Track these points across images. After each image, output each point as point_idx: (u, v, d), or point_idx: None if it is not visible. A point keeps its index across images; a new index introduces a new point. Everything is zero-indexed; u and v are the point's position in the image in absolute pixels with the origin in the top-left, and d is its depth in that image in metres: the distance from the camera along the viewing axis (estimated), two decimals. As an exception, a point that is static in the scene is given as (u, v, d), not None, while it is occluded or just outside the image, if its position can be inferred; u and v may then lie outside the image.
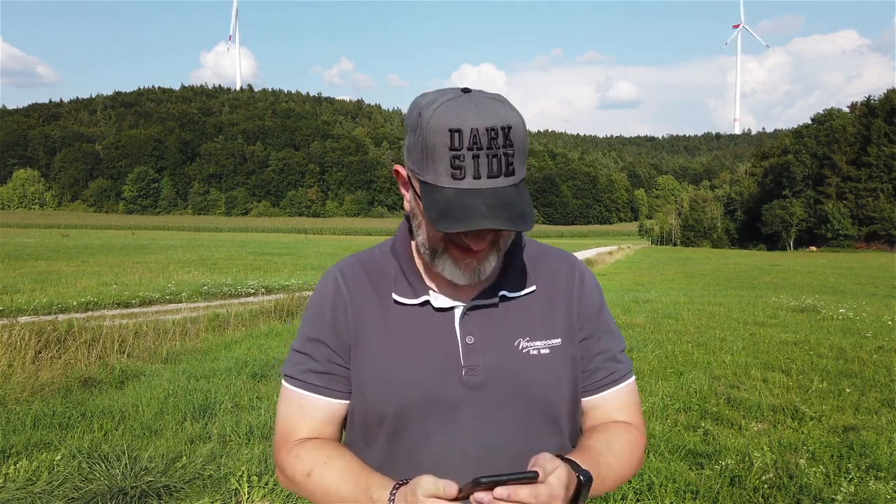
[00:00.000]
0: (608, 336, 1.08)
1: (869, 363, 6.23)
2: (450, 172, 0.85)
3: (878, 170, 66.20)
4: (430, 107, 0.87)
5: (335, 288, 1.03)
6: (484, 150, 0.84)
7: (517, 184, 0.88)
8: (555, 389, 0.99)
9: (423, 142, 0.86)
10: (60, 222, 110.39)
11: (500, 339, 0.98)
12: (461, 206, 0.83)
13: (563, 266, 1.08)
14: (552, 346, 1.00)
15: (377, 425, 0.99)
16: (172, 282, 13.68)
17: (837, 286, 17.49)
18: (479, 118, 0.85)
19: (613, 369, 1.07)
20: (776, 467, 3.51)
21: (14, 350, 5.50)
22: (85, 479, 3.33)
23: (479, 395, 0.96)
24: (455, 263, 0.93)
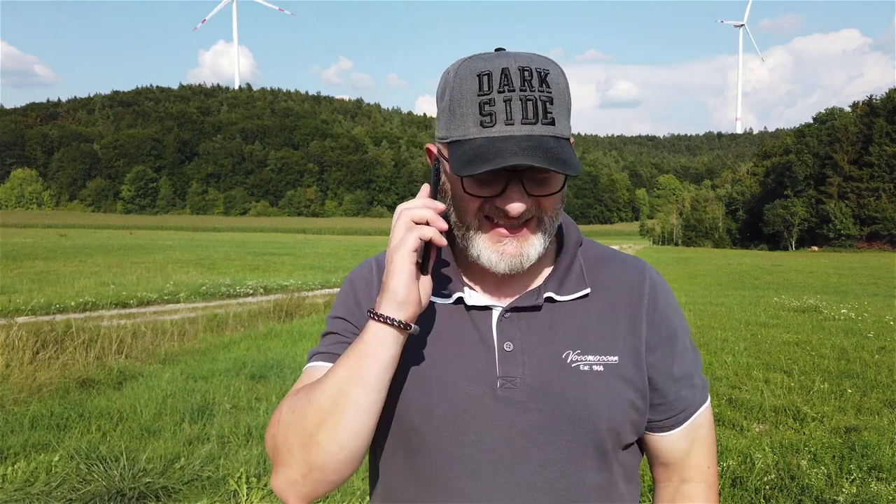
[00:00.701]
0: (686, 360, 0.91)
1: (871, 364, 6.21)
2: (478, 120, 0.75)
3: (879, 169, 66.27)
4: (458, 63, 0.79)
5: (366, 277, 0.94)
6: (517, 91, 0.74)
7: (559, 137, 0.76)
8: (607, 415, 0.82)
9: (449, 98, 0.78)
10: (58, 222, 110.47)
11: (545, 348, 0.83)
12: (490, 150, 0.73)
13: (629, 272, 0.92)
14: (607, 364, 0.83)
15: (396, 439, 0.86)
16: (171, 282, 13.66)
17: (839, 286, 17.49)
18: (510, 60, 0.76)
19: (686, 404, 0.90)
20: (778, 468, 3.49)
21: (12, 350, 5.48)
22: (83, 480, 3.32)
23: (514, 413, 0.81)
24: (491, 245, 0.80)
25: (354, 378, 0.76)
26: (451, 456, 0.82)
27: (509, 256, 0.80)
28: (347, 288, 0.95)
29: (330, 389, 0.77)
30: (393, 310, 0.75)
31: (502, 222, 0.79)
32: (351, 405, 0.76)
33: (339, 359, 0.79)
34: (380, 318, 0.76)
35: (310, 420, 0.77)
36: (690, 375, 0.91)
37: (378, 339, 0.76)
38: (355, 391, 0.76)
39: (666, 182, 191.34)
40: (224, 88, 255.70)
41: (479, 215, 0.80)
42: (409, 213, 0.77)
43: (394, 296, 0.75)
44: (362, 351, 0.76)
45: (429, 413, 0.83)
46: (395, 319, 0.75)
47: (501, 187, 0.76)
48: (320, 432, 0.76)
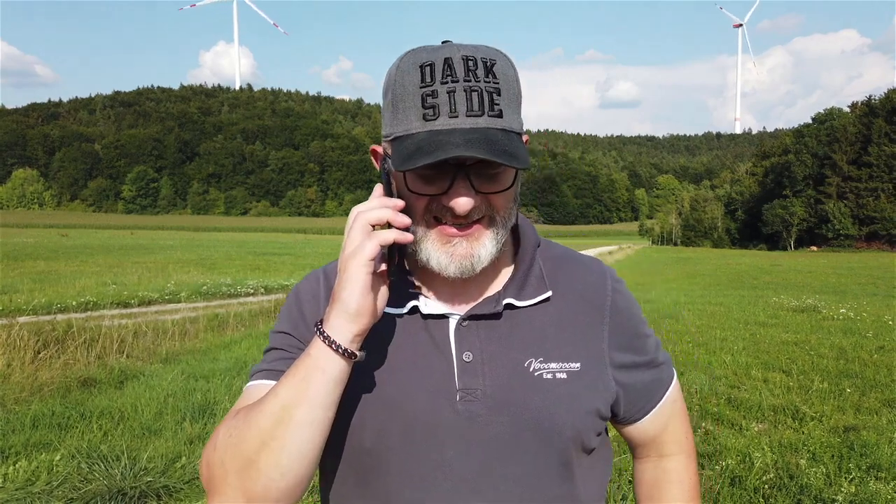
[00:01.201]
0: (648, 347, 0.90)
1: (870, 363, 6.22)
2: (421, 114, 0.70)
3: (878, 169, 66.24)
4: (401, 57, 0.75)
5: (313, 289, 0.87)
6: (461, 81, 0.69)
7: (507, 130, 0.71)
8: (571, 424, 0.79)
9: (392, 93, 0.73)
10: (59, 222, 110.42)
11: (506, 357, 0.79)
12: (431, 144, 0.68)
13: (589, 272, 0.89)
14: (570, 371, 0.80)
15: (348, 463, 0.80)
16: (171, 282, 13.67)
17: (838, 286, 17.49)
18: (454, 50, 0.72)
19: (657, 387, 0.90)
20: (777, 467, 3.50)
21: (13, 350, 5.49)
22: (84, 479, 3.33)
23: (475, 428, 0.76)
24: (440, 246, 0.75)
25: (300, 396, 0.69)
26: (409, 477, 0.76)
27: (459, 258, 0.75)
28: (292, 300, 0.87)
29: (272, 408, 0.70)
30: (344, 321, 0.70)
31: (450, 222, 0.74)
32: (295, 425, 0.69)
33: (283, 375, 0.73)
34: (325, 338, 0.70)
35: (249, 443, 0.70)
36: (654, 358, 0.90)
37: (326, 354, 0.70)
38: (300, 410, 0.69)
39: (665, 182, 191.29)
40: (225, 89, 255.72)
41: (426, 216, 0.75)
42: (366, 215, 0.71)
43: (345, 307, 0.70)
44: (308, 366, 0.70)
45: (382, 432, 0.77)
46: (342, 347, 0.70)
47: (447, 184, 0.72)
48: (261, 456, 0.69)
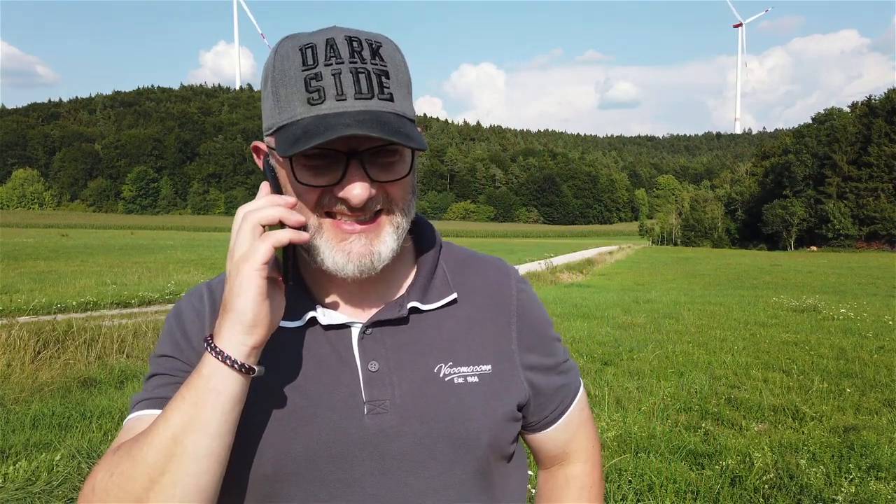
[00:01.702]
0: (556, 350, 0.87)
1: (870, 363, 6.22)
2: (305, 98, 0.65)
3: (878, 169, 66.26)
4: (282, 42, 0.69)
5: (196, 307, 0.78)
6: (346, 62, 0.65)
7: (401, 115, 0.67)
8: (487, 429, 0.75)
9: (271, 82, 0.68)
10: (59, 222, 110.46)
11: (415, 364, 0.74)
12: (319, 127, 0.63)
13: (493, 274, 0.84)
14: (481, 374, 0.76)
15: (247, 490, 0.71)
16: (172, 282, 13.67)
17: (838, 286, 17.49)
18: (336, 31, 0.68)
19: (564, 393, 0.87)
20: (777, 468, 3.50)
21: (13, 350, 5.49)
22: (84, 479, 3.32)
23: (386, 441, 0.71)
24: (336, 245, 0.69)
25: (191, 422, 0.62)
26: (316, 501, 0.70)
27: (357, 256, 0.69)
28: (172, 320, 0.78)
29: (161, 440, 0.62)
30: (238, 333, 0.63)
31: (346, 217, 0.69)
32: (188, 457, 0.61)
33: (170, 401, 0.64)
34: (218, 354, 0.63)
35: (136, 481, 0.61)
36: (563, 362, 0.87)
37: (219, 371, 0.63)
38: (193, 438, 0.61)
39: (665, 182, 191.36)
40: (225, 89, 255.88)
41: (318, 211, 0.69)
42: (255, 215, 0.65)
43: (240, 317, 0.63)
44: (199, 387, 0.63)
45: (283, 455, 0.70)
46: (237, 362, 0.63)
47: (340, 174, 0.66)
48: (151, 496, 0.61)
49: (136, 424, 0.71)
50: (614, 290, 15.65)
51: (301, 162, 0.67)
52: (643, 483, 3.31)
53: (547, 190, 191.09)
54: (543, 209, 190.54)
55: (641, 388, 5.26)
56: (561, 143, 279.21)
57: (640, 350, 6.95)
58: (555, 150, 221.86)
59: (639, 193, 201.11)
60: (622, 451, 3.74)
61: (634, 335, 7.95)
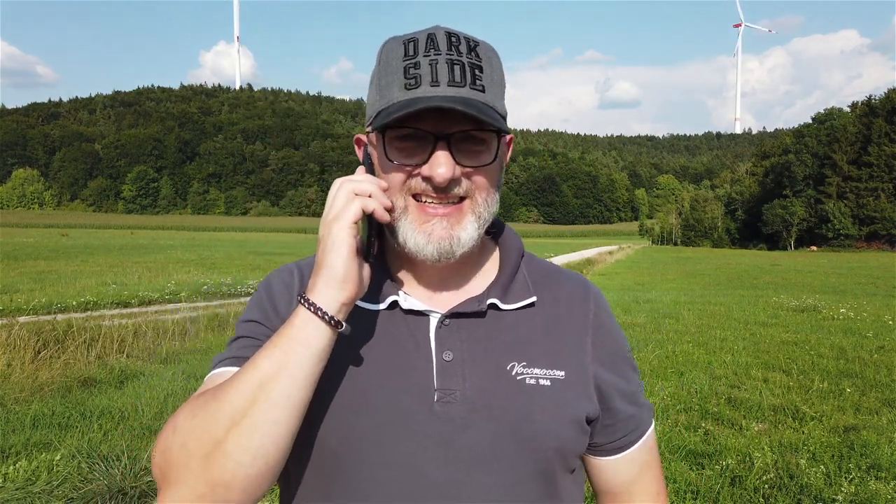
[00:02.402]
0: (632, 378, 0.85)
1: (870, 363, 6.22)
2: (402, 83, 0.69)
3: (878, 169, 66.26)
4: (389, 40, 0.75)
5: (286, 280, 0.82)
6: (443, 54, 0.69)
7: (491, 106, 0.71)
8: (555, 433, 0.74)
9: (377, 75, 0.73)
10: (59, 222, 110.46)
11: (488, 359, 0.75)
12: (410, 104, 0.68)
13: (573, 286, 0.85)
14: (554, 379, 0.76)
15: (312, 467, 0.73)
16: (172, 282, 13.66)
17: (838, 286, 17.48)
18: (438, 28, 0.73)
19: (636, 423, 0.84)
20: (777, 467, 3.50)
21: (13, 350, 5.49)
22: (84, 479, 3.32)
23: (452, 431, 0.71)
24: (418, 226, 0.72)
25: (279, 369, 0.64)
26: (376, 482, 0.70)
27: (438, 239, 0.71)
28: (263, 291, 0.82)
29: (248, 384, 0.64)
30: (331, 288, 0.66)
31: (430, 200, 0.72)
32: (272, 403, 0.63)
33: (262, 348, 0.67)
34: (311, 306, 0.66)
35: (218, 423, 0.63)
36: (637, 394, 0.86)
37: (311, 323, 0.66)
38: (280, 385, 0.63)
39: (665, 182, 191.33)
40: (225, 89, 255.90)
41: (404, 192, 0.72)
42: (350, 184, 0.69)
43: (332, 272, 0.66)
44: (290, 336, 0.65)
45: (349, 432, 0.71)
46: (328, 314, 0.66)
47: (427, 154, 0.70)
48: (230, 438, 0.62)
49: (217, 380, 0.73)
50: (614, 290, 15.65)
51: (393, 143, 0.71)
52: None
53: (547, 190, 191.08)
54: (543, 209, 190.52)
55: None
56: (561, 143, 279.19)
57: (640, 350, 6.94)
58: (555, 150, 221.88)
59: (639, 193, 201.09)
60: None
61: (634, 335, 7.95)
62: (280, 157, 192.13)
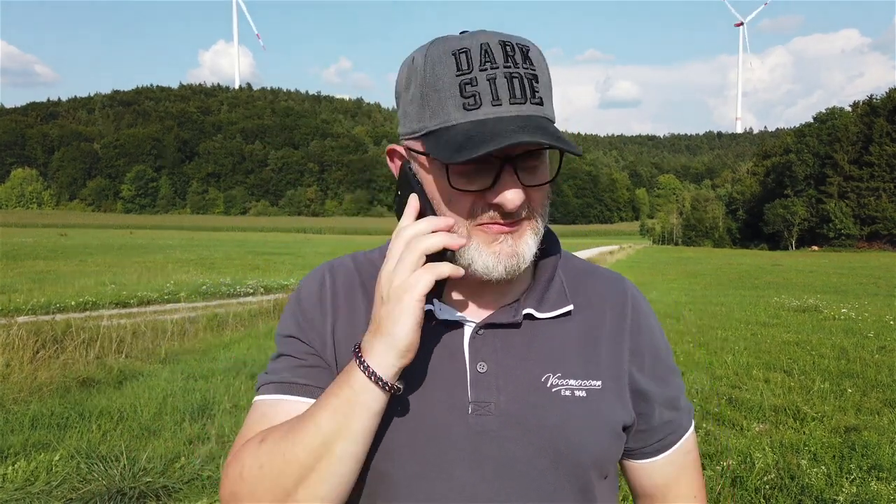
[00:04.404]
0: (671, 382, 0.84)
1: (871, 363, 6.21)
2: (460, 104, 0.65)
3: (880, 169, 66.28)
4: (425, 46, 0.70)
5: (316, 291, 0.80)
6: (500, 67, 0.65)
7: (550, 119, 0.69)
8: (591, 447, 0.74)
9: (421, 85, 0.68)
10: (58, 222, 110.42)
11: (523, 370, 0.74)
12: (483, 132, 0.64)
13: (610, 288, 0.84)
14: (590, 390, 0.75)
15: (366, 491, 0.75)
16: (171, 281, 13.65)
17: (839, 286, 17.48)
18: (489, 35, 0.68)
19: (673, 427, 0.84)
20: (778, 468, 3.49)
21: (12, 350, 5.47)
22: (83, 479, 3.32)
23: (487, 444, 0.71)
24: (486, 247, 0.70)
25: (341, 431, 0.66)
26: (415, 495, 0.71)
27: (506, 257, 0.69)
28: (294, 302, 0.81)
29: (312, 443, 0.66)
30: (391, 357, 0.65)
31: (492, 221, 0.70)
32: (336, 460, 0.66)
33: (320, 405, 0.68)
34: (371, 374, 0.65)
35: (287, 477, 0.66)
36: (677, 398, 0.84)
37: (369, 388, 0.66)
38: (341, 444, 0.66)
39: (666, 182, 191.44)
40: (224, 88, 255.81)
41: (468, 222, 0.69)
42: (421, 244, 0.65)
43: (396, 342, 0.65)
44: (350, 401, 0.66)
45: (393, 451, 0.72)
46: (388, 383, 0.66)
47: (492, 179, 0.67)
48: (300, 490, 0.66)
49: (268, 410, 0.75)
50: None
51: (456, 168, 0.67)
52: None
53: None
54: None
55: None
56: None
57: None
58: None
59: (640, 193, 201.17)
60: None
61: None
62: (279, 157, 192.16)
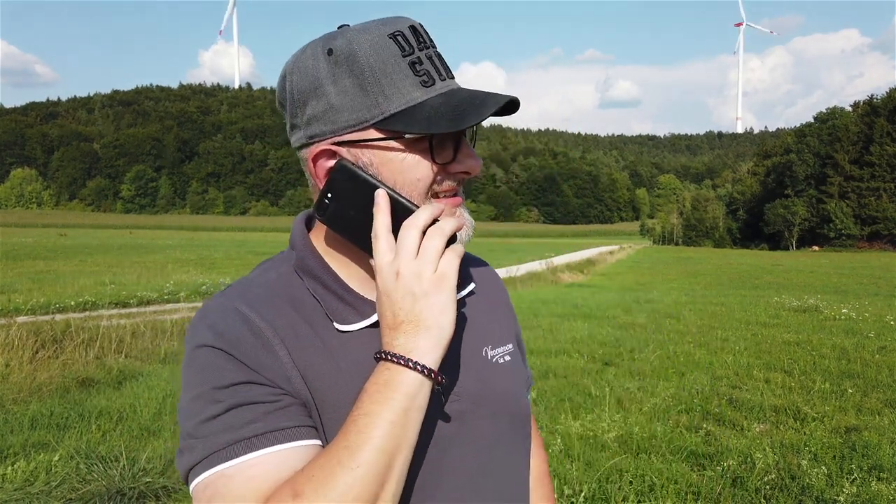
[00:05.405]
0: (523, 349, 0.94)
1: (871, 363, 6.20)
2: (417, 82, 0.66)
3: (880, 169, 66.33)
4: (343, 37, 0.67)
5: (246, 327, 0.66)
6: (429, 47, 0.69)
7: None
8: (524, 402, 0.83)
9: (360, 72, 0.65)
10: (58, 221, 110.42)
11: (469, 349, 0.77)
12: (461, 103, 0.66)
13: (484, 267, 0.91)
14: (510, 353, 0.83)
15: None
16: (170, 281, 13.66)
17: (840, 286, 17.48)
18: (405, 19, 0.70)
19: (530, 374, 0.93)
20: (778, 468, 3.49)
21: (11, 350, 5.47)
22: (83, 479, 3.31)
23: (465, 426, 0.73)
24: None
25: (400, 445, 0.60)
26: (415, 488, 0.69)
27: (468, 228, 0.71)
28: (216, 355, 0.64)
29: (374, 470, 0.58)
30: (438, 349, 0.63)
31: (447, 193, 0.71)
32: (398, 479, 0.60)
33: (371, 425, 0.59)
34: (429, 373, 0.62)
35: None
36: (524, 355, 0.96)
37: (424, 389, 0.62)
38: (400, 460, 0.60)
39: (666, 182, 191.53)
40: (224, 88, 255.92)
41: (429, 193, 0.69)
42: (444, 229, 0.65)
43: (443, 333, 0.63)
44: (406, 407, 0.60)
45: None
46: (439, 374, 0.63)
47: (452, 150, 0.69)
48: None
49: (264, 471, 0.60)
50: (615, 290, 15.65)
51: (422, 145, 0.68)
52: (644, 484, 3.29)
53: (547, 189, 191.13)
54: (544, 209, 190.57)
55: (642, 389, 5.25)
56: (561, 143, 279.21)
57: (641, 350, 6.93)
58: (555, 150, 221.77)
59: (640, 193, 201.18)
60: (623, 452, 3.73)
61: (635, 335, 7.94)
62: (279, 157, 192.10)
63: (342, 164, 0.67)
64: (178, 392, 2.61)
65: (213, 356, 0.64)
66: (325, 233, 0.76)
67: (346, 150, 0.68)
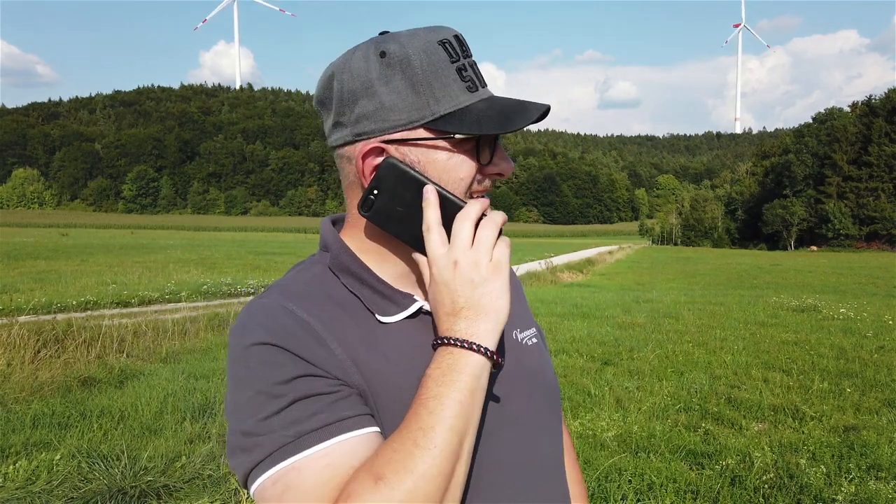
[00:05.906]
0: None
1: (870, 363, 6.21)
2: (464, 87, 0.70)
3: (878, 169, 66.32)
4: (395, 41, 0.70)
5: (294, 322, 0.67)
6: (469, 57, 0.73)
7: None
8: (555, 382, 0.88)
9: (414, 74, 0.68)
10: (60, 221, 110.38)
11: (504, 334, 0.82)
12: (505, 109, 0.70)
13: None
14: (536, 336, 0.88)
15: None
16: (172, 281, 13.66)
17: (838, 286, 17.49)
18: (448, 29, 0.74)
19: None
20: (777, 467, 3.50)
21: (13, 349, 5.49)
22: (84, 478, 3.32)
23: (510, 408, 0.76)
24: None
25: (469, 423, 0.63)
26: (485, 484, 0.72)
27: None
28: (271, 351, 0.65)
29: (448, 451, 0.60)
30: (498, 332, 0.67)
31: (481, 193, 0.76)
32: (466, 459, 0.63)
33: (441, 407, 0.61)
34: (491, 356, 0.65)
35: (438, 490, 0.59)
36: None
37: (486, 371, 0.65)
38: (468, 440, 0.63)
39: (665, 182, 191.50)
40: (225, 88, 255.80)
41: (467, 192, 0.73)
42: (496, 220, 0.70)
43: (502, 317, 0.67)
44: (473, 388, 0.63)
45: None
46: (499, 357, 0.67)
47: (489, 153, 0.73)
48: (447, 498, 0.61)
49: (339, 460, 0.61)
50: (614, 290, 15.65)
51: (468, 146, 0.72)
52: (643, 483, 3.31)
53: (547, 189, 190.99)
54: (543, 209, 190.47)
55: (641, 388, 5.26)
56: (561, 143, 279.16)
57: (640, 350, 6.95)
58: (555, 150, 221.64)
59: (639, 193, 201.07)
60: (622, 451, 3.74)
61: (634, 335, 7.95)
62: (280, 157, 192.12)
63: (391, 161, 0.69)
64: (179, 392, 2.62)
65: (268, 353, 0.65)
66: (357, 231, 0.76)
67: (395, 149, 0.70)
